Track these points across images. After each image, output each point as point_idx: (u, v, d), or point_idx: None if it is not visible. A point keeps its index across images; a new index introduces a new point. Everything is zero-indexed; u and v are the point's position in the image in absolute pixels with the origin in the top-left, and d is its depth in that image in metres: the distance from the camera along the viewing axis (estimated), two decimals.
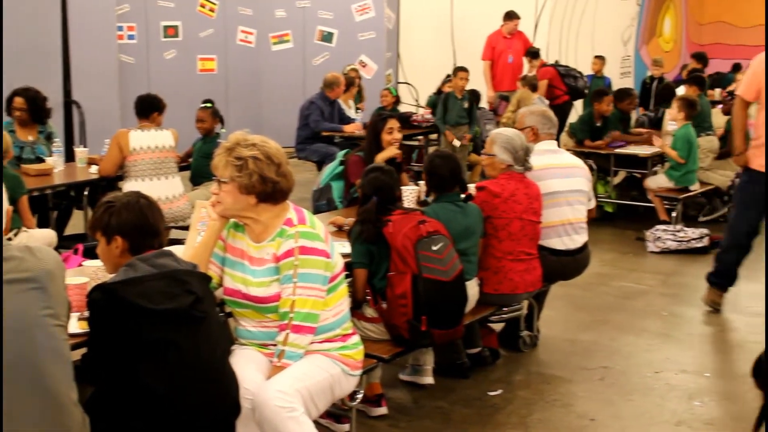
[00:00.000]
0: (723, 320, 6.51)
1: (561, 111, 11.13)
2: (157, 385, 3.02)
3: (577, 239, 5.70)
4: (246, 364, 3.51)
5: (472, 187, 5.36)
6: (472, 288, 4.95)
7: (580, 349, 5.82)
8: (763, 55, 6.35)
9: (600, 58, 14.33)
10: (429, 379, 5.06)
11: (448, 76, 11.52)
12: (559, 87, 12.52)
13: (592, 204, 5.86)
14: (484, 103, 12.58)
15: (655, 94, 13.42)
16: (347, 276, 3.97)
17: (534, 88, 11.55)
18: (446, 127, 10.61)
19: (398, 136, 6.04)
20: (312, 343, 3.56)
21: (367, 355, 3.98)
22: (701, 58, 15.22)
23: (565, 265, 5.69)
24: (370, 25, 14.00)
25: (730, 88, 14.06)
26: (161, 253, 3.22)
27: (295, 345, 3.49)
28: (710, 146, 9.71)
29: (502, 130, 5.49)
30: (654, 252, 8.37)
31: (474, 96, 11.40)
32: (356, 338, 3.81)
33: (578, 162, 5.92)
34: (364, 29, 14.01)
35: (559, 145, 6.12)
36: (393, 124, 6.03)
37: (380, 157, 5.85)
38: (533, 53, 12.94)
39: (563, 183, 5.65)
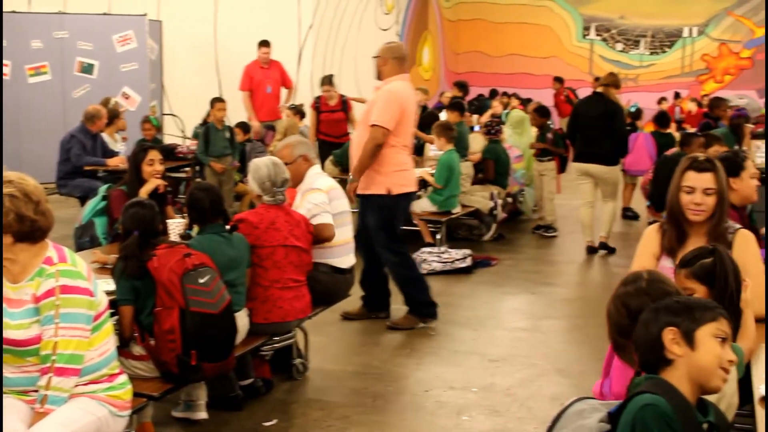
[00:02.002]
0: (488, 336, 6.78)
1: None
2: None
3: (352, 258, 6.03)
4: (5, 414, 3.34)
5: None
6: (242, 319, 4.94)
7: (353, 373, 5.90)
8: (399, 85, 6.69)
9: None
10: (202, 414, 4.98)
11: None
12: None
13: None
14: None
15: (419, 121, 13.85)
16: (113, 314, 3.87)
17: (303, 115, 11.71)
18: (210, 159, 10.53)
19: (159, 167, 5.95)
20: (77, 385, 3.44)
21: (136, 394, 3.88)
22: (462, 86, 15.87)
23: (339, 284, 5.89)
24: (132, 56, 13.71)
25: (489, 113, 14.72)
26: None
27: (59, 389, 3.36)
28: (468, 171, 10.14)
29: (258, 159, 5.55)
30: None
31: (244, 127, 11.40)
32: (124, 378, 3.71)
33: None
34: (126, 60, 13.70)
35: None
36: (154, 155, 5.95)
37: (143, 191, 5.75)
38: (328, 79, 13.05)
39: (345, 203, 6.04)
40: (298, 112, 11.72)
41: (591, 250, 9.68)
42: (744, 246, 3.90)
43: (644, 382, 2.50)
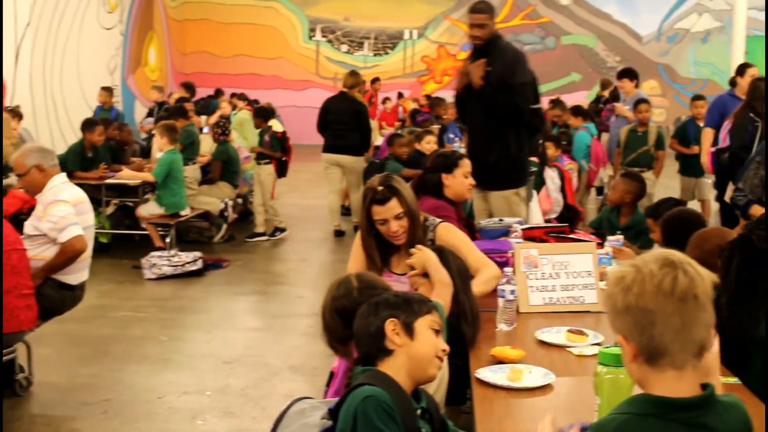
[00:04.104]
0: (222, 338, 6.77)
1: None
2: None
3: (85, 274, 5.79)
4: None
5: None
6: None
7: (82, 385, 5.71)
8: None
9: (107, 90, 14.29)
10: None
11: None
12: None
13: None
14: None
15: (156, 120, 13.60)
16: None
17: (21, 117, 11.16)
18: None
19: None
20: None
21: None
22: (189, 87, 15.70)
23: (66, 300, 5.68)
24: None
25: (217, 114, 14.60)
26: None
27: None
28: (194, 174, 10.07)
29: None
30: (151, 279, 8.46)
31: None
32: None
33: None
34: None
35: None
36: None
37: None
38: None
39: (91, 218, 5.84)
40: (16, 114, 11.14)
41: (338, 233, 10.70)
42: (447, 235, 4.14)
43: (361, 375, 2.60)
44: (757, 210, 5.38)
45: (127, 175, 9.52)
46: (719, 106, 8.55)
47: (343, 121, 10.44)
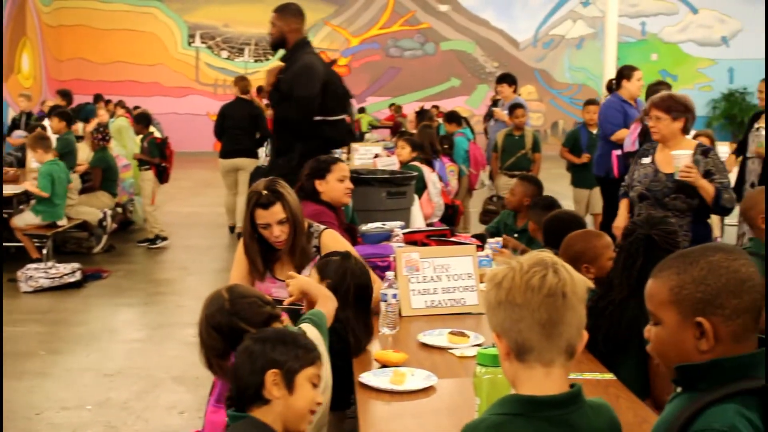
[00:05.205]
0: (102, 351, 6.62)
1: None
2: None
3: None
4: None
5: None
6: None
7: None
8: None
9: None
10: None
11: None
12: None
13: None
14: None
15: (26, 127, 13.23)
16: None
17: None
18: None
19: None
20: None
21: None
22: (65, 94, 15.34)
23: None
24: None
25: (95, 122, 14.27)
26: None
27: None
28: (74, 184, 9.84)
29: None
30: (28, 292, 8.23)
31: None
32: None
33: None
34: None
35: None
36: None
37: None
38: None
39: None
40: None
41: (232, 230, 11.16)
42: (332, 242, 4.16)
43: (239, 422, 2.50)
44: (621, 203, 5.69)
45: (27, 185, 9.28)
46: (618, 108, 8.44)
47: (242, 126, 10.89)
